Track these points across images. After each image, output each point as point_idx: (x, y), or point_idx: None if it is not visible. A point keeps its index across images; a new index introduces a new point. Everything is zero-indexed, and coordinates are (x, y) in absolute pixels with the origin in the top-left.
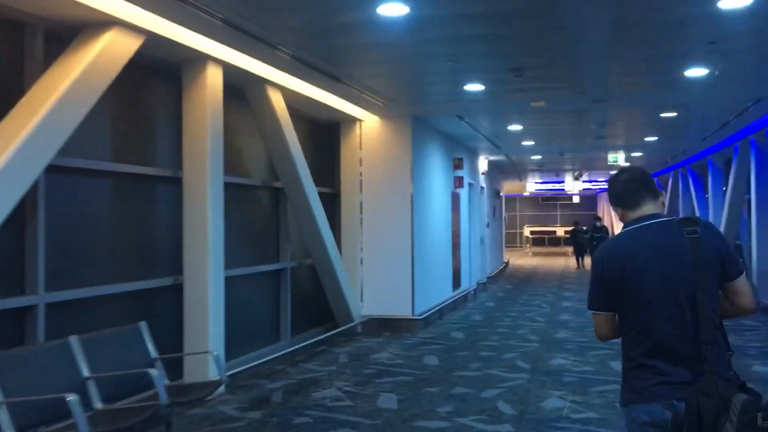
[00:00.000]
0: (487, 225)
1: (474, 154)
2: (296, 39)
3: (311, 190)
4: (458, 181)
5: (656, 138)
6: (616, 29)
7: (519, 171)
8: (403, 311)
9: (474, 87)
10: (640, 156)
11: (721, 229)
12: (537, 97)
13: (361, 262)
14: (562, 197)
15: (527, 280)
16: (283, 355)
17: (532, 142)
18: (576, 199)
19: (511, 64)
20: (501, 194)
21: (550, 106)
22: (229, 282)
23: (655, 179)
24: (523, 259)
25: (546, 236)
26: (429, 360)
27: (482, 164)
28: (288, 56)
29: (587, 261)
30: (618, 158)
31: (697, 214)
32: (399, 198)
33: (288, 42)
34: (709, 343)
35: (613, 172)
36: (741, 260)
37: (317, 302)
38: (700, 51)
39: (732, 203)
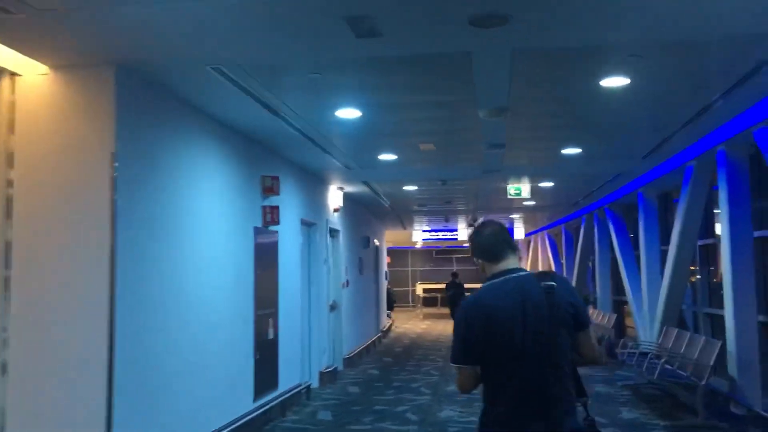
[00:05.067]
0: (345, 285)
1: (317, 180)
2: None
3: None
4: (271, 215)
5: (579, 150)
6: None
7: (400, 214)
8: None
9: None
10: (551, 187)
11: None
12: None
13: (4, 370)
14: (459, 250)
15: (407, 355)
16: None
17: (393, 156)
18: None
19: None
20: (376, 243)
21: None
22: None
23: (562, 227)
24: (411, 322)
25: (439, 294)
26: None
27: (334, 197)
28: None
29: None
30: (521, 190)
31: (623, 267)
32: (88, 238)
33: None
34: (556, 396)
35: (513, 216)
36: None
37: None
38: None
39: (680, 248)
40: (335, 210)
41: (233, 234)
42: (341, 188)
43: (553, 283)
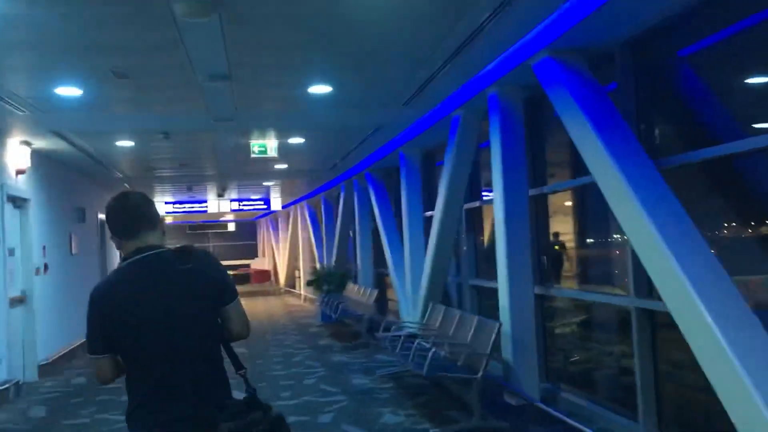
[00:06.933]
0: (41, 270)
1: None
2: None
3: None
4: None
5: (329, 89)
6: None
7: (130, 181)
8: None
9: None
10: (303, 144)
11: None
12: None
13: None
14: (215, 225)
15: None
16: None
17: (78, 91)
18: (231, 227)
19: None
20: (102, 217)
21: None
22: None
23: (321, 195)
24: None
25: None
26: None
27: (17, 155)
28: None
29: None
30: (266, 147)
31: (384, 237)
32: None
33: None
34: (200, 376)
35: (267, 184)
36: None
37: None
38: None
39: (446, 212)
40: (20, 172)
41: None
42: (27, 143)
43: (190, 260)
